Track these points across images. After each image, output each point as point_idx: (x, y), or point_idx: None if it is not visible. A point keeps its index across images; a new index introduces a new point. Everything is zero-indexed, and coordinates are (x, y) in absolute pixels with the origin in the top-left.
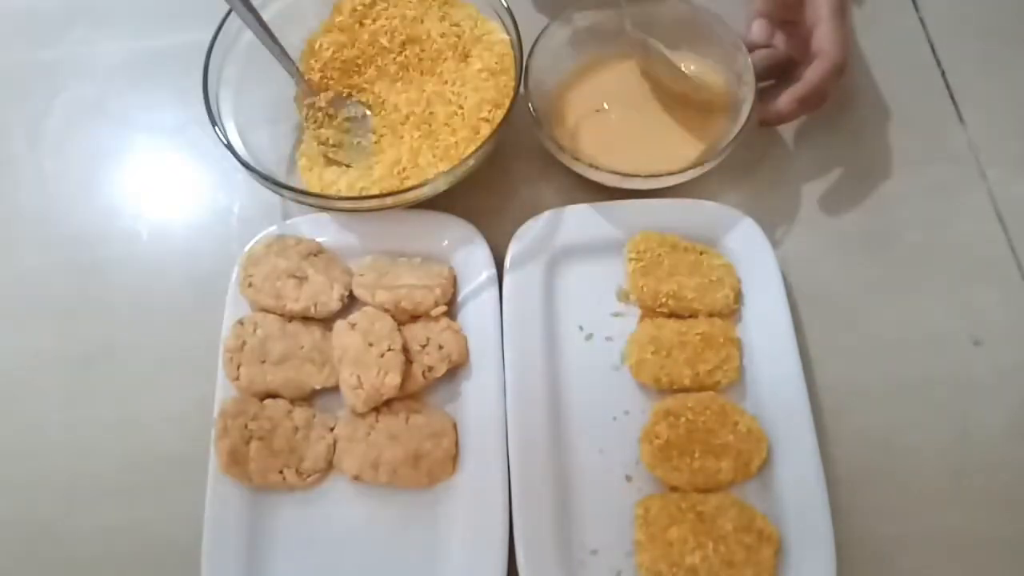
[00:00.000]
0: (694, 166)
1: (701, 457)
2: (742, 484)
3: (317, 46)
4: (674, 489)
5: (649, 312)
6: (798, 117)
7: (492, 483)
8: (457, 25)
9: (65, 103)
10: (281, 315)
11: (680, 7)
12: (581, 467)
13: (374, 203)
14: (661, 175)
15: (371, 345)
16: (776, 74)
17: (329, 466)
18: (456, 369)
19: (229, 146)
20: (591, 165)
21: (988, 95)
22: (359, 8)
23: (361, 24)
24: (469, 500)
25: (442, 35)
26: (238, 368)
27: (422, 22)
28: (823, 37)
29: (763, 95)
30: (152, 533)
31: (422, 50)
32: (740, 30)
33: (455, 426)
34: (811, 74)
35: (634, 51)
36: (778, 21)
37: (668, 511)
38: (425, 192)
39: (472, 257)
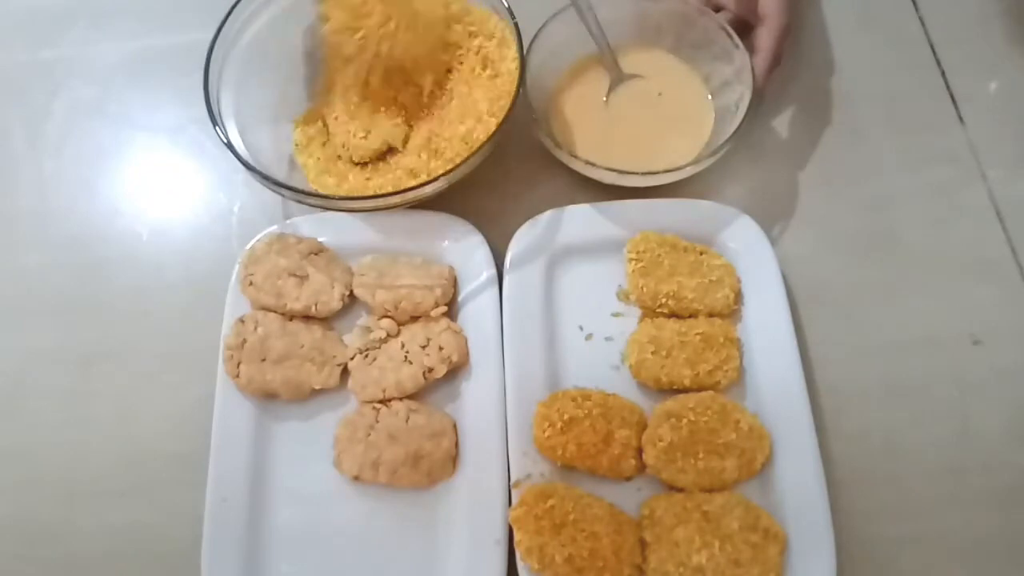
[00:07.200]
0: (691, 163)
1: (705, 457)
2: (743, 484)
3: None
4: (677, 490)
5: (649, 312)
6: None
7: (492, 483)
8: (457, 24)
9: (65, 103)
10: (282, 314)
11: (679, 6)
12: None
13: (374, 203)
14: (658, 172)
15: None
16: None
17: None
18: (456, 369)
19: (229, 146)
20: (588, 162)
21: (988, 95)
22: None
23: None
24: (469, 500)
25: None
26: (238, 366)
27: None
28: (766, 1)
29: None
30: (152, 533)
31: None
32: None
33: (455, 426)
34: (763, 42)
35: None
36: None
37: (674, 511)
38: (425, 192)
39: (472, 257)
